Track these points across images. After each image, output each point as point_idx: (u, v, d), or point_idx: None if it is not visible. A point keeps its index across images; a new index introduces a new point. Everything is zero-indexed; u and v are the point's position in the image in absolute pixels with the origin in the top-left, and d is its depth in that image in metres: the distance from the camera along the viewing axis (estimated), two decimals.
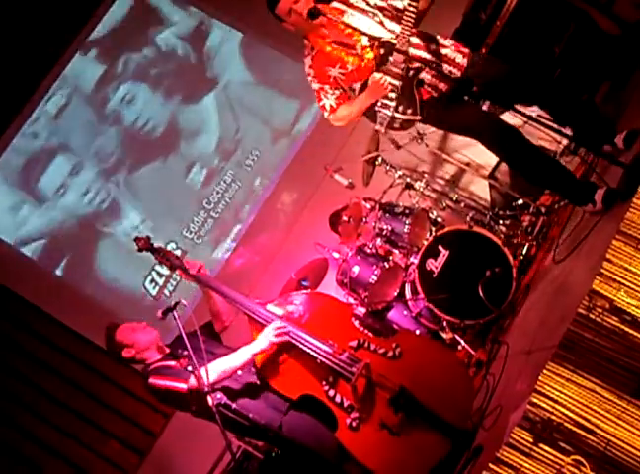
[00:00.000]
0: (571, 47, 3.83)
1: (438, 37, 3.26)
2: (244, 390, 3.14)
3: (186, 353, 3.07)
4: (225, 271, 5.39)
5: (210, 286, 3.34)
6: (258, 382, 3.17)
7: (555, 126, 3.29)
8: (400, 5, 3.13)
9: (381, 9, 3.23)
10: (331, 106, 3.25)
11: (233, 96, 5.92)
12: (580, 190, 3.13)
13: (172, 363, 3.09)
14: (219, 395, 2.93)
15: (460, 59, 3.21)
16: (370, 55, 3.16)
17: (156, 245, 3.45)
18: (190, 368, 3.00)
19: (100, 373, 5.28)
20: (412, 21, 3.00)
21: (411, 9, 2.99)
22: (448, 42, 3.27)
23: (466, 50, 3.26)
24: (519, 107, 3.48)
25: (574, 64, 3.85)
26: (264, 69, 5.91)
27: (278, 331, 3.09)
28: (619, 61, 3.84)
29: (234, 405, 2.98)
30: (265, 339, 3.08)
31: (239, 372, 3.11)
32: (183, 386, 2.96)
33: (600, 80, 3.95)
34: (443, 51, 3.22)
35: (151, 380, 3.08)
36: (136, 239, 3.47)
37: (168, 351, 3.25)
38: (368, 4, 3.24)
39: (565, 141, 3.89)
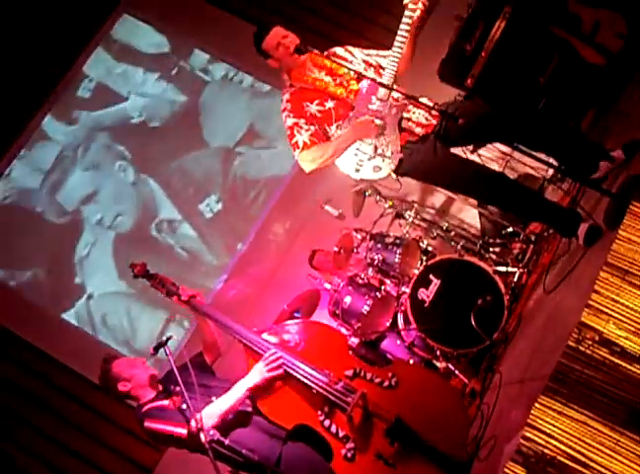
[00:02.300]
0: (555, 77, 3.88)
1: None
2: (238, 419, 3.13)
3: (178, 389, 3.05)
4: (217, 302, 5.38)
5: (206, 314, 3.35)
6: (252, 411, 3.16)
7: (541, 157, 3.33)
8: (384, 63, 3.19)
9: (366, 62, 3.31)
10: (304, 142, 3.14)
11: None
12: (565, 221, 3.15)
13: (165, 403, 3.07)
14: (212, 432, 2.91)
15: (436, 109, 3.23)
16: (354, 87, 3.19)
17: (152, 271, 3.46)
18: (184, 406, 2.98)
19: (90, 408, 5.24)
20: (398, 57, 3.06)
21: (391, 68, 3.06)
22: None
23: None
24: None
25: (559, 93, 3.90)
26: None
27: (270, 366, 3.10)
28: (604, 90, 3.90)
29: (227, 441, 2.96)
30: (259, 374, 3.10)
31: None
32: (183, 431, 2.92)
33: (585, 108, 4.00)
34: (422, 99, 3.25)
35: (147, 424, 3.05)
36: (132, 265, 3.48)
37: (161, 388, 3.23)
38: (354, 56, 3.32)
39: (552, 170, 3.93)
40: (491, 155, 4.28)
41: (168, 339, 3.12)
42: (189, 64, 6.05)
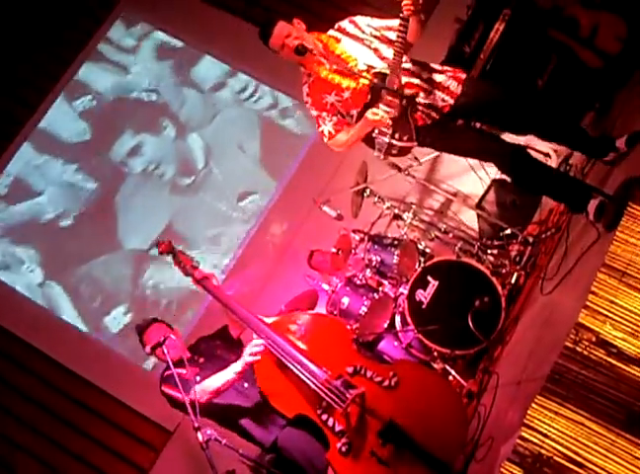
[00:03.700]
0: (553, 79, 3.90)
1: (432, 64, 3.34)
2: (250, 406, 3.32)
3: (202, 360, 3.39)
4: (215, 302, 5.37)
5: (217, 298, 3.45)
6: (257, 397, 3.28)
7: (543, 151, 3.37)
8: (393, 37, 3.19)
9: (376, 37, 3.32)
10: (329, 132, 3.35)
11: None
12: (576, 195, 3.18)
13: (184, 372, 3.18)
14: (209, 431, 2.95)
15: (454, 86, 3.27)
16: (365, 80, 3.22)
17: (177, 249, 3.58)
18: (198, 378, 3.23)
19: (87, 407, 5.23)
20: (401, 50, 3.07)
21: (399, 39, 3.06)
22: (444, 69, 3.33)
23: (462, 76, 3.32)
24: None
25: (557, 95, 3.91)
26: None
27: (253, 350, 3.19)
28: (602, 92, 3.91)
29: (224, 441, 3.01)
30: (242, 360, 3.21)
31: (245, 385, 3.29)
32: (187, 400, 3.08)
33: (583, 110, 4.01)
34: (437, 78, 3.28)
35: (163, 388, 3.34)
36: (158, 243, 3.59)
37: (188, 355, 3.40)
38: (363, 32, 3.32)
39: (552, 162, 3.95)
40: None
41: (166, 338, 3.18)
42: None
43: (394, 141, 3.24)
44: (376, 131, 3.25)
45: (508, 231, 4.22)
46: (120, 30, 6.07)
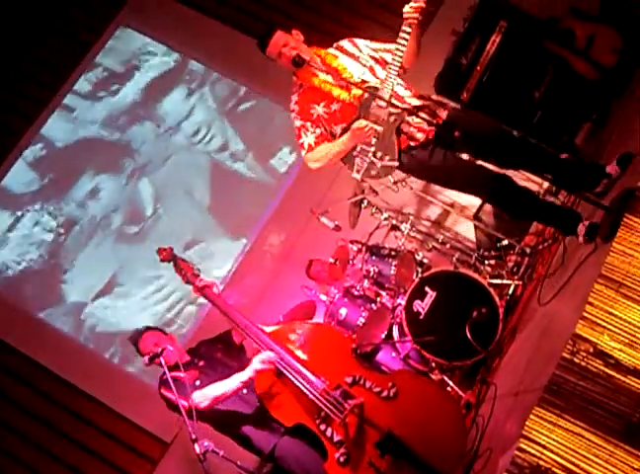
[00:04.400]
0: (550, 91, 3.92)
1: (421, 93, 3.38)
2: (250, 412, 3.32)
3: (201, 364, 3.39)
4: (213, 313, 5.37)
5: (217, 306, 3.48)
6: (257, 405, 3.30)
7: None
8: (389, 59, 3.23)
9: (373, 58, 3.37)
10: (309, 144, 3.32)
11: None
12: (565, 219, 3.20)
13: (182, 375, 3.19)
14: (206, 443, 2.95)
15: (441, 112, 3.31)
16: (358, 92, 3.24)
17: (178, 257, 3.60)
18: (198, 383, 3.25)
19: (83, 419, 5.21)
20: (396, 72, 3.12)
21: (395, 62, 3.11)
22: (430, 97, 3.39)
23: (446, 107, 3.36)
24: None
25: (554, 107, 3.93)
26: None
27: (263, 360, 3.20)
28: (599, 104, 3.94)
29: (221, 452, 3.02)
30: (251, 369, 3.22)
31: (244, 390, 3.28)
32: (185, 404, 3.10)
33: (579, 122, 4.04)
34: (425, 103, 3.32)
35: (162, 391, 3.33)
36: (159, 250, 3.61)
37: (188, 359, 3.42)
38: (361, 51, 3.38)
39: (546, 184, 3.96)
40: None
41: (163, 350, 3.18)
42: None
43: (375, 160, 3.20)
44: (358, 149, 3.22)
45: (505, 242, 4.23)
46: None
